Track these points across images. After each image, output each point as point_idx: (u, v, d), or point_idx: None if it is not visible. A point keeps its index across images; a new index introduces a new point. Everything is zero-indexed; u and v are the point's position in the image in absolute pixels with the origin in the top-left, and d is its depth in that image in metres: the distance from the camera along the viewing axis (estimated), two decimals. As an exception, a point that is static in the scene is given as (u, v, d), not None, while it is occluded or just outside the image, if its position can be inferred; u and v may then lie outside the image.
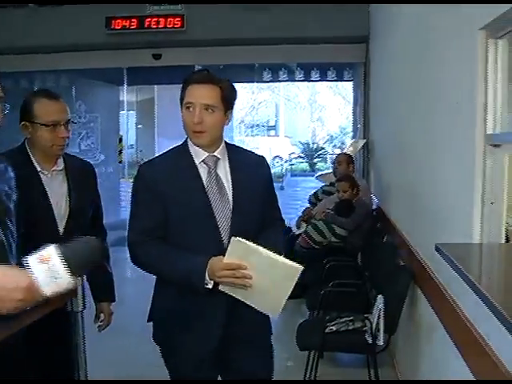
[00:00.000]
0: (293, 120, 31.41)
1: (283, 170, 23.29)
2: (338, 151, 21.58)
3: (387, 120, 5.63)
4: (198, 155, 2.45)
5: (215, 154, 2.46)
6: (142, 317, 2.62)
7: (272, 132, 30.78)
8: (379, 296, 3.73)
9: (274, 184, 2.71)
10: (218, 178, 2.45)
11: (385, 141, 5.94)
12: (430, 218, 3.26)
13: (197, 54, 8.15)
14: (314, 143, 28.74)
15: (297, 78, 8.86)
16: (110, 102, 10.35)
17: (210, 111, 2.36)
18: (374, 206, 6.18)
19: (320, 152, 27.35)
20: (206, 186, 2.42)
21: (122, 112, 10.83)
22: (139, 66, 8.74)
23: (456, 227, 2.62)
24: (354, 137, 8.55)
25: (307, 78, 8.85)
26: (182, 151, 2.48)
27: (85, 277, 2.55)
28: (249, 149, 2.80)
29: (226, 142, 2.55)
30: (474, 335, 2.23)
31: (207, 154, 2.45)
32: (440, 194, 3.00)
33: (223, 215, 2.41)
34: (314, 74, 8.64)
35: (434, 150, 3.17)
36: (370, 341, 3.67)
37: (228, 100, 2.42)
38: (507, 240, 2.41)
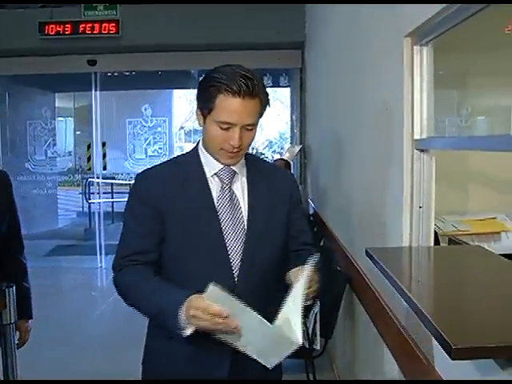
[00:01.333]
0: (232, 125, 31.36)
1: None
2: (277, 156, 21.69)
3: (322, 125, 5.67)
4: (211, 166, 2.03)
5: (233, 166, 2.04)
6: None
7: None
8: (315, 301, 3.73)
9: None
10: (233, 195, 2.02)
11: (320, 146, 5.98)
12: (363, 222, 3.29)
13: (132, 60, 8.06)
14: (253, 149, 28.65)
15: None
16: (45, 108, 10.13)
17: (249, 128, 1.94)
18: (311, 211, 6.22)
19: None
20: (216, 204, 1.99)
21: (59, 119, 10.62)
22: (76, 72, 8.56)
23: (387, 232, 2.65)
24: (291, 142, 8.59)
25: (244, 84, 8.85)
26: (191, 160, 2.06)
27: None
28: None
29: (247, 152, 2.08)
30: (405, 338, 2.25)
31: (222, 166, 2.02)
32: (372, 199, 3.03)
33: (235, 241, 1.98)
34: (251, 81, 8.65)
35: (365, 156, 3.19)
36: (307, 345, 3.67)
37: (264, 111, 2.00)
38: (436, 243, 2.44)
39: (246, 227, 1.99)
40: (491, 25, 2.77)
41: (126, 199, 2.09)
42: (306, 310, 2.02)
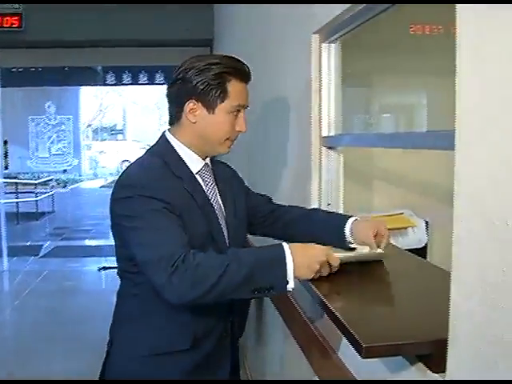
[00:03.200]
0: (141, 123, 31.03)
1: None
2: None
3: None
4: (194, 164, 1.97)
5: (207, 161, 2.03)
6: None
7: (120, 136, 30.24)
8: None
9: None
10: (215, 190, 2.02)
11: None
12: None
13: (36, 55, 7.77)
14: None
15: (141, 81, 8.72)
16: None
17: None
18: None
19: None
20: (211, 200, 1.97)
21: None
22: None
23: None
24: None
25: (152, 81, 8.74)
26: (175, 159, 1.94)
27: None
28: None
29: None
30: (315, 334, 2.25)
31: (203, 163, 2.00)
32: (282, 198, 3.02)
33: (223, 235, 1.98)
34: (159, 77, 8.56)
35: (276, 154, 3.19)
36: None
37: None
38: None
39: (225, 220, 2.01)
40: (397, 26, 2.82)
41: (125, 201, 1.80)
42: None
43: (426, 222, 3.08)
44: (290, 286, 1.62)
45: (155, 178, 1.82)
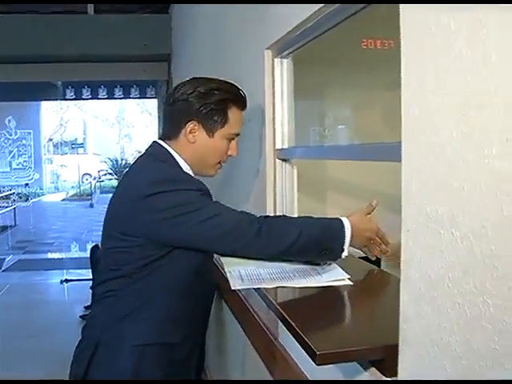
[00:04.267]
0: (101, 137, 30.79)
1: (93, 188, 22.70)
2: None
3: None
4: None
5: None
6: None
7: (81, 150, 29.91)
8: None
9: (83, 202, 2.41)
10: None
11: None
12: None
13: (-6, 70, 7.62)
14: (122, 159, 28.35)
15: (100, 96, 8.63)
16: None
17: None
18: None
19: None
20: None
21: None
22: None
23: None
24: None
25: (111, 96, 8.67)
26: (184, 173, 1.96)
27: None
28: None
29: None
30: (272, 341, 2.24)
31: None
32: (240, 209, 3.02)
33: None
34: (118, 92, 8.49)
35: (231, 167, 3.18)
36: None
37: None
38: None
39: None
40: (349, 40, 2.84)
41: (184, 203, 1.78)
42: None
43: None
44: (345, 253, 1.74)
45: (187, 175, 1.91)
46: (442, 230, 0.99)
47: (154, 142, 2.02)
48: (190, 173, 1.95)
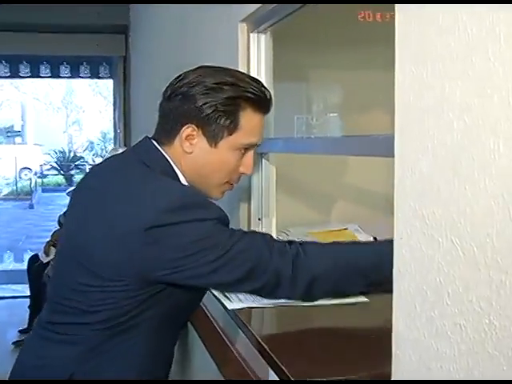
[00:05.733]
0: (44, 124, 30.55)
1: (33, 185, 22.50)
2: (99, 160, 21.32)
3: (150, 124, 5.61)
4: None
5: None
6: None
7: (18, 139, 29.67)
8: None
9: (20, 202, 2.37)
10: None
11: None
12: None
13: None
14: (70, 151, 28.19)
15: (43, 74, 8.57)
16: None
17: None
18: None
19: (78, 162, 26.89)
20: None
21: None
22: None
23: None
24: (114, 144, 8.48)
25: (56, 74, 8.61)
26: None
27: None
28: None
29: None
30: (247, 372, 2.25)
31: None
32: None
33: None
34: (64, 70, 8.44)
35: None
36: None
37: None
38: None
39: None
40: (343, 12, 2.85)
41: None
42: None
43: (375, 239, 3.12)
44: None
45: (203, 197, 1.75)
46: (440, 238, 1.00)
47: (147, 138, 1.87)
48: None
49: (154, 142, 1.81)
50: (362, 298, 1.75)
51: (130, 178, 1.76)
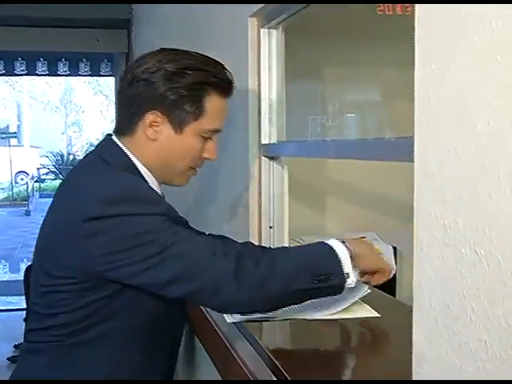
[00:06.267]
0: (42, 125, 30.64)
1: (29, 190, 22.57)
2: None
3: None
4: (156, 187, 1.90)
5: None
6: None
7: (14, 141, 29.76)
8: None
9: (16, 209, 2.41)
10: None
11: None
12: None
13: None
14: (70, 154, 28.27)
15: (40, 72, 8.58)
16: None
17: None
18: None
19: (78, 166, 26.93)
20: None
21: None
22: None
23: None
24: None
25: (53, 72, 8.62)
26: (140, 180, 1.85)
27: None
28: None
29: None
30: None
31: (161, 191, 1.94)
32: (215, 221, 3.02)
33: None
34: (63, 67, 8.44)
35: (208, 166, 3.19)
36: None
37: None
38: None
39: None
40: (361, 5, 2.85)
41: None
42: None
43: (395, 248, 3.11)
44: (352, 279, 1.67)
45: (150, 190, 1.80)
46: (463, 248, 1.00)
47: (109, 136, 1.92)
48: (153, 182, 1.87)
49: (114, 138, 1.87)
50: (374, 313, 1.75)
51: (84, 168, 1.89)
